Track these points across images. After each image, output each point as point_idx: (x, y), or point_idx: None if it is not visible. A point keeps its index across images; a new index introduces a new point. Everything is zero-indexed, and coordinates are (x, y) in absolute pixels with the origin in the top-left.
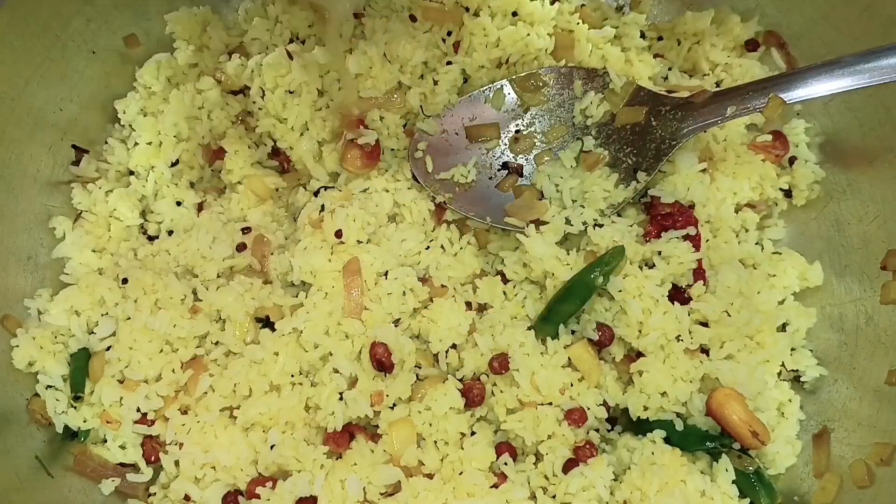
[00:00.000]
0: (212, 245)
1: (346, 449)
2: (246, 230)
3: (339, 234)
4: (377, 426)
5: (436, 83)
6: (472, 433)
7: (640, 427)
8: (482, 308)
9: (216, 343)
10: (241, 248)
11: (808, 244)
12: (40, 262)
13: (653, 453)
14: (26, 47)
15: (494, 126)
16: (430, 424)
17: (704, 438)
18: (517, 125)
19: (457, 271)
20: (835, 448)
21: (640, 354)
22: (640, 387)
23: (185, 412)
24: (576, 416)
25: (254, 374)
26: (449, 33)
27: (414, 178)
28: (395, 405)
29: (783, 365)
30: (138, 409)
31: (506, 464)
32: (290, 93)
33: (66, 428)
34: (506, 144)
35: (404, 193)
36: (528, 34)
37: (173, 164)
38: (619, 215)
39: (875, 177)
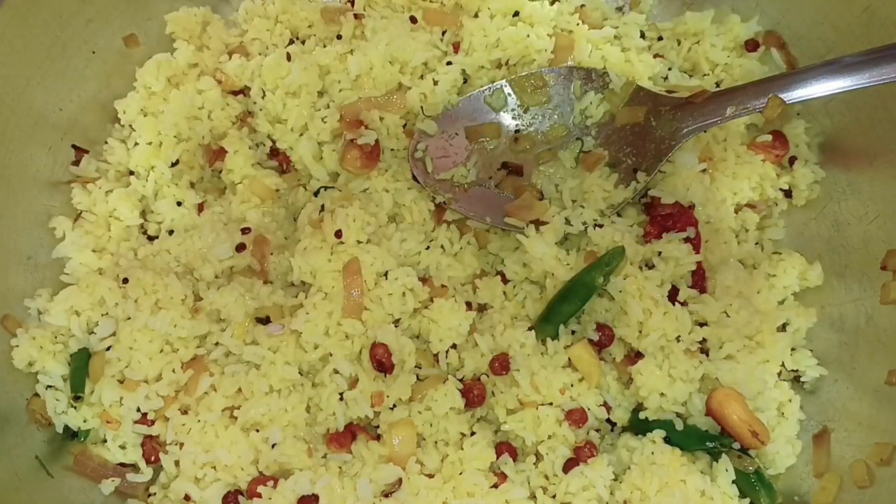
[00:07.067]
0: (212, 245)
1: (347, 449)
2: (246, 230)
3: (339, 234)
4: (378, 426)
5: (436, 83)
6: (472, 433)
7: (640, 427)
8: (482, 308)
9: (216, 343)
10: (240, 248)
11: (808, 244)
12: (40, 262)
13: (653, 453)
14: (26, 47)
15: (494, 126)
16: (431, 425)
17: (704, 438)
18: (517, 125)
19: (457, 271)
20: (835, 448)
21: (639, 355)
22: (639, 387)
23: (185, 412)
24: (576, 417)
25: (254, 375)
26: (444, 33)
27: (414, 178)
28: (395, 406)
29: (783, 365)
30: (138, 409)
31: (506, 464)
32: (291, 94)
33: (66, 428)
34: (506, 144)
35: (404, 193)
36: (528, 35)
37: (173, 164)
38: (618, 215)
39: (875, 177)
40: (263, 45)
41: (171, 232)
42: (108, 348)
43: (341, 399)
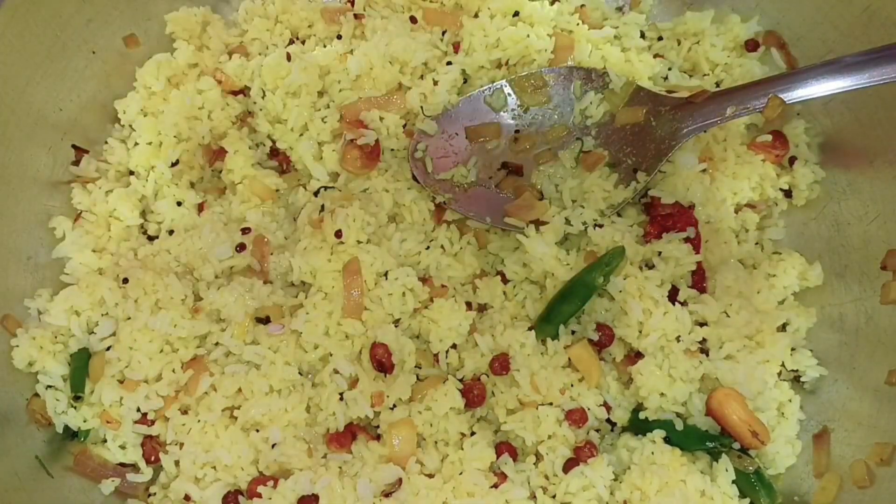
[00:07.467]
0: (212, 245)
1: (347, 449)
2: (246, 230)
3: (339, 234)
4: (378, 426)
5: (436, 83)
6: (472, 433)
7: (640, 427)
8: (482, 308)
9: (216, 343)
10: (241, 248)
11: (808, 244)
12: (40, 262)
13: (653, 453)
14: (26, 47)
15: (494, 126)
16: (431, 425)
17: (704, 438)
18: (517, 125)
19: (457, 271)
20: (835, 448)
21: (639, 355)
22: (639, 387)
23: (185, 412)
24: (576, 417)
25: (254, 375)
26: (444, 33)
27: (414, 178)
28: (395, 406)
29: (783, 365)
30: (138, 409)
31: (506, 464)
32: (291, 94)
33: (66, 428)
34: (506, 144)
35: (404, 193)
36: (528, 35)
37: (173, 164)
38: (619, 215)
39: (875, 177)
40: (263, 45)
41: (171, 232)
42: (108, 348)
43: (341, 399)
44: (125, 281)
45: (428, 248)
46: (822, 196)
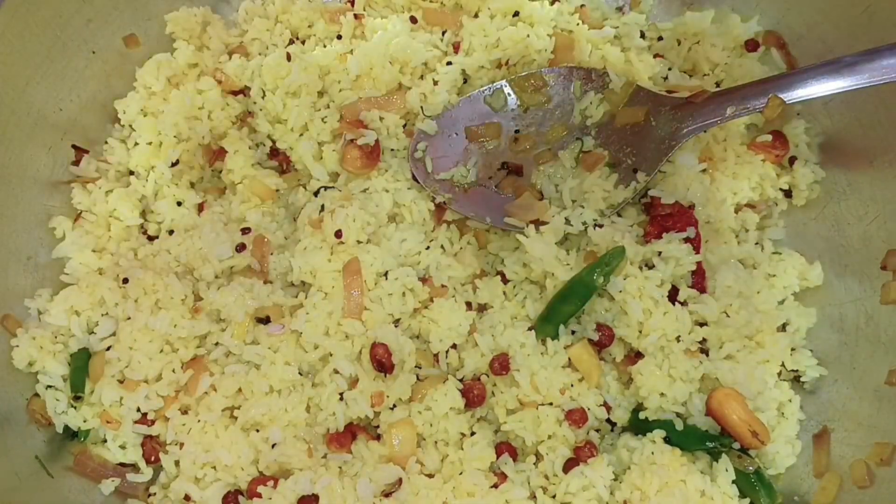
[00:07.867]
0: (212, 245)
1: (347, 449)
2: (246, 230)
3: (339, 234)
4: (378, 426)
5: (436, 83)
6: (472, 433)
7: (640, 427)
8: (482, 308)
9: (216, 343)
10: (240, 248)
11: (808, 244)
12: (40, 262)
13: (653, 453)
14: (26, 47)
15: (494, 126)
16: (431, 425)
17: (704, 438)
18: (517, 125)
19: (457, 271)
20: (835, 448)
21: (639, 355)
22: (639, 387)
23: (185, 412)
24: (576, 417)
25: (254, 375)
26: (444, 33)
27: (414, 178)
28: (395, 406)
29: (783, 365)
30: (138, 409)
31: (506, 464)
32: (291, 94)
33: (66, 428)
34: (506, 144)
35: (404, 193)
36: (528, 35)
37: (173, 164)
38: (619, 215)
39: (875, 177)
40: (263, 45)
41: (171, 232)
42: (108, 348)
43: (341, 399)
44: (125, 281)
45: (428, 248)
46: (822, 196)
